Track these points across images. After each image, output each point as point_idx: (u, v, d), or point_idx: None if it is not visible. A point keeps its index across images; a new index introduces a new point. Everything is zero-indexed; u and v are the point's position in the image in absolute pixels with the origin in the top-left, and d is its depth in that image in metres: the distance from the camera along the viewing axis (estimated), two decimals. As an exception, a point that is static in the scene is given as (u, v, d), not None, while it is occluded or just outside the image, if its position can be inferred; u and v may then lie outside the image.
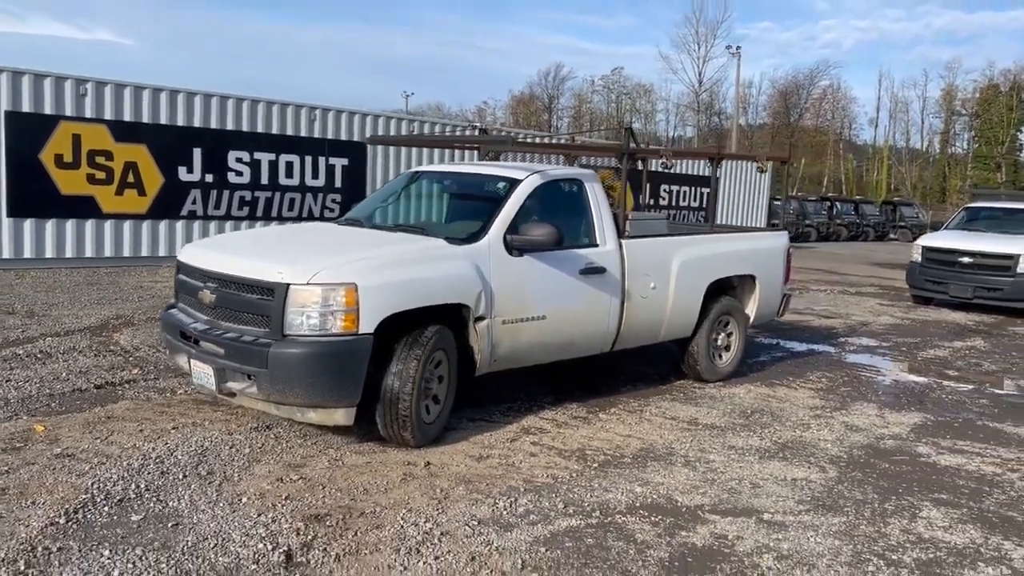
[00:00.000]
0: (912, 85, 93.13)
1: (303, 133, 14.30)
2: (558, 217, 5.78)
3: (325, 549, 3.65)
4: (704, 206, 22.13)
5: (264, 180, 13.86)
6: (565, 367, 6.89)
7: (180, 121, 12.87)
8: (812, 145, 70.01)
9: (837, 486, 4.84)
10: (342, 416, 4.76)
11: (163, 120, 12.68)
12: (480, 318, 5.25)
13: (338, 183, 14.77)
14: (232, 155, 13.46)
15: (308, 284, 4.60)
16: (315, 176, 14.47)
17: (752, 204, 24.46)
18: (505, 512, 4.17)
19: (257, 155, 13.75)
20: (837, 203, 35.28)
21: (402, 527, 3.91)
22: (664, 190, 21.45)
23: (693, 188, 22.08)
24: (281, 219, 14.08)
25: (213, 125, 13.24)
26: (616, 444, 5.38)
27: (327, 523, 3.91)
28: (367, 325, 4.65)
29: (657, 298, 6.54)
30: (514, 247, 5.44)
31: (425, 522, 3.98)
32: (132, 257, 12.53)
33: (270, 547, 3.62)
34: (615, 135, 71.27)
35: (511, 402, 6.20)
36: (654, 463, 5.05)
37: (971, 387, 7.76)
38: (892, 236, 36.50)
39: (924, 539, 4.15)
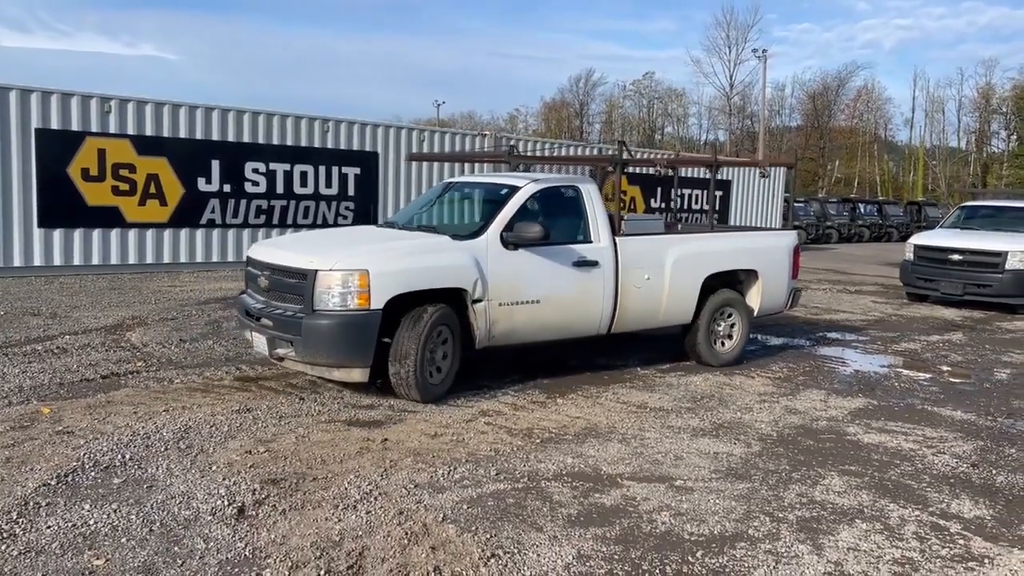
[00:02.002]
0: (948, 84, 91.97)
1: (316, 144, 15.02)
2: (553, 218, 7.00)
3: (274, 505, 4.22)
4: (716, 209, 22.44)
5: (280, 189, 14.59)
6: (541, 358, 7.42)
7: (199, 135, 13.65)
8: (846, 147, 69.54)
9: (755, 459, 5.29)
10: (359, 374, 6.03)
11: (183, 134, 13.46)
12: (477, 300, 6.39)
13: (351, 191, 15.46)
14: (249, 166, 14.21)
15: (331, 270, 5.91)
16: (328, 185, 15.17)
17: (767, 206, 24.72)
18: (442, 478, 4.71)
19: (273, 166, 14.49)
20: (860, 204, 35.22)
21: (346, 489, 4.47)
22: (676, 194, 21.80)
23: (705, 192, 22.41)
24: (296, 226, 14.79)
25: (230, 138, 14.01)
26: (563, 424, 5.88)
27: (281, 485, 4.48)
28: (377, 302, 5.91)
29: (652, 289, 7.47)
30: (509, 242, 6.57)
31: (367, 485, 4.53)
32: (154, 264, 13.32)
33: (227, 503, 4.20)
34: (647, 140, 71.49)
35: (476, 389, 6.73)
36: (593, 440, 5.55)
37: (928, 376, 8.11)
38: (917, 237, 36.29)
39: (815, 501, 4.60)
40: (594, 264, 7.07)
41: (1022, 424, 6.49)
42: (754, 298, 8.35)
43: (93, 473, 4.53)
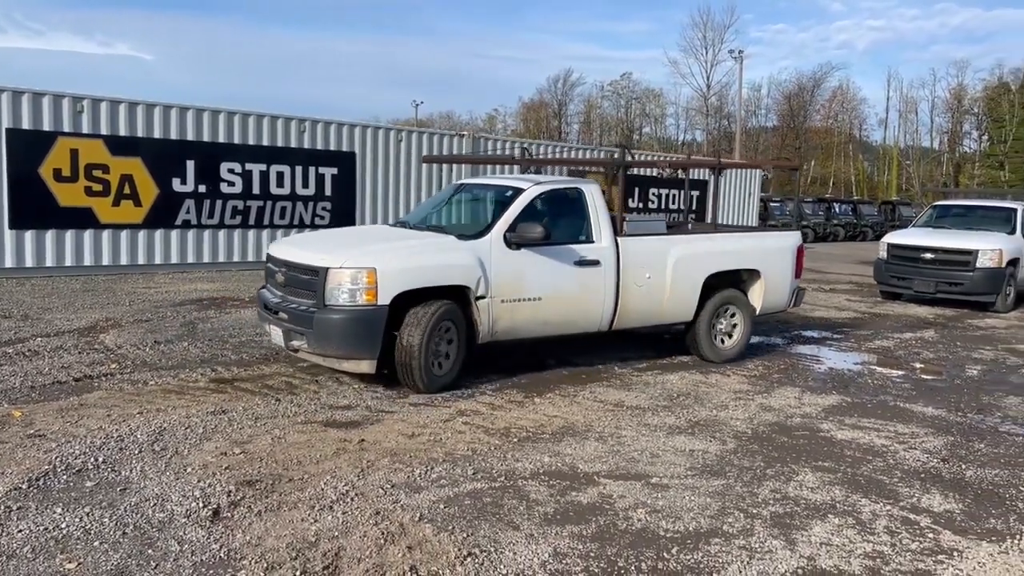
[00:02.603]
0: (921, 85, 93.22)
1: (293, 144, 14.93)
2: (556, 218, 7.31)
3: (250, 507, 4.20)
4: (693, 208, 22.59)
5: (256, 190, 14.49)
6: (520, 358, 7.43)
7: (174, 135, 13.52)
8: (821, 146, 70.20)
9: (730, 456, 5.34)
10: (367, 366, 6.34)
11: (157, 134, 13.34)
12: (480, 297, 6.70)
13: (328, 192, 15.39)
14: (224, 166, 14.10)
15: (341, 267, 6.26)
16: (305, 185, 15.09)
17: (743, 206, 24.92)
18: (419, 478, 4.71)
19: (249, 166, 14.39)
20: (835, 204, 35.59)
21: (322, 490, 4.46)
22: (653, 194, 21.97)
23: (681, 192, 22.54)
24: (273, 227, 14.71)
25: (206, 138, 13.89)
26: (541, 423, 5.90)
27: (257, 487, 4.46)
28: (384, 298, 6.25)
29: (653, 287, 7.72)
30: (512, 242, 6.86)
31: (344, 486, 4.52)
32: (129, 265, 13.17)
33: (202, 505, 4.18)
34: (625, 140, 71.80)
35: (455, 389, 6.73)
36: (570, 438, 5.57)
37: (901, 373, 8.22)
38: (891, 236, 36.70)
39: (789, 497, 4.65)
40: (595, 263, 7.32)
41: (991, 420, 6.59)
42: (756, 297, 8.57)
43: (65, 476, 4.49)
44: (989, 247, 12.97)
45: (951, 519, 4.46)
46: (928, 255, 13.33)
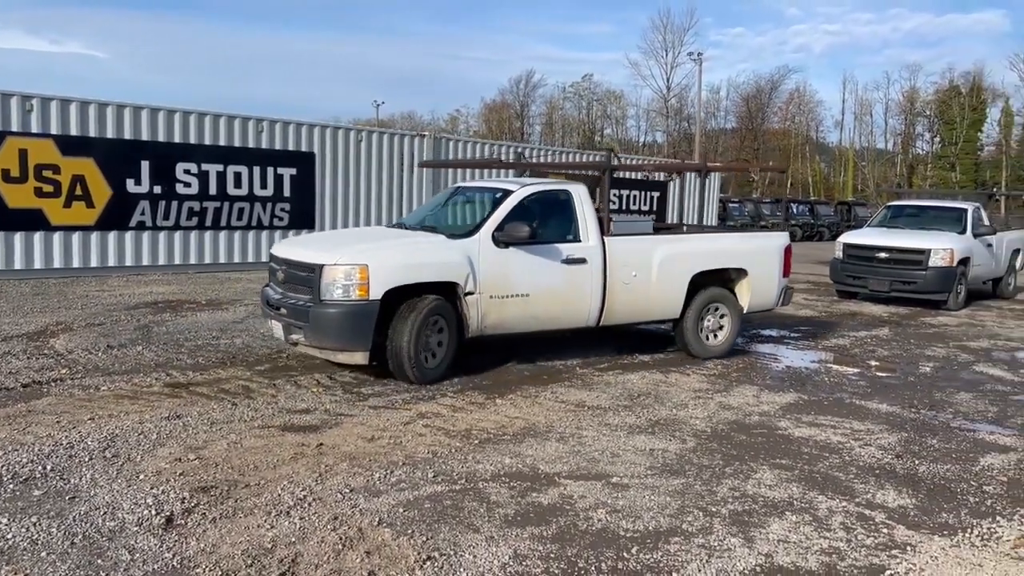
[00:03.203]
0: (875, 88, 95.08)
1: (251, 144, 14.73)
2: (544, 219, 7.63)
3: (204, 514, 4.11)
4: (653, 209, 22.77)
5: (212, 191, 14.27)
6: (483, 359, 7.40)
7: (127, 135, 13.26)
8: (779, 148, 71.21)
9: (690, 455, 5.37)
10: (360, 357, 6.68)
11: (110, 134, 13.06)
12: (469, 293, 7.02)
13: (287, 192, 15.22)
14: (180, 167, 13.87)
15: (335, 265, 6.60)
16: (263, 186, 14.90)
17: (703, 207, 25.12)
18: (379, 482, 4.66)
19: (205, 166, 14.16)
20: (792, 204, 36.13)
21: (279, 495, 4.39)
22: (614, 195, 22.04)
23: (643, 192, 22.70)
24: (230, 228, 14.50)
25: (161, 138, 13.65)
26: (502, 425, 5.88)
27: (212, 493, 4.37)
28: (375, 294, 6.57)
29: (639, 285, 7.99)
30: (500, 241, 7.16)
31: (301, 491, 4.45)
32: (81, 268, 12.89)
33: (154, 513, 4.08)
34: (587, 142, 72.11)
35: (416, 391, 6.69)
36: (531, 439, 5.55)
37: (856, 371, 8.36)
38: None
39: (747, 495, 4.69)
40: (582, 261, 7.60)
41: (944, 416, 6.72)
42: (744, 295, 8.78)
43: (12, 485, 4.36)
44: (941, 247, 13.25)
45: (905, 514, 4.53)
46: (882, 255, 13.58)
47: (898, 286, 13.39)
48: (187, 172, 13.94)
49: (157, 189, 13.61)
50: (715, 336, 8.64)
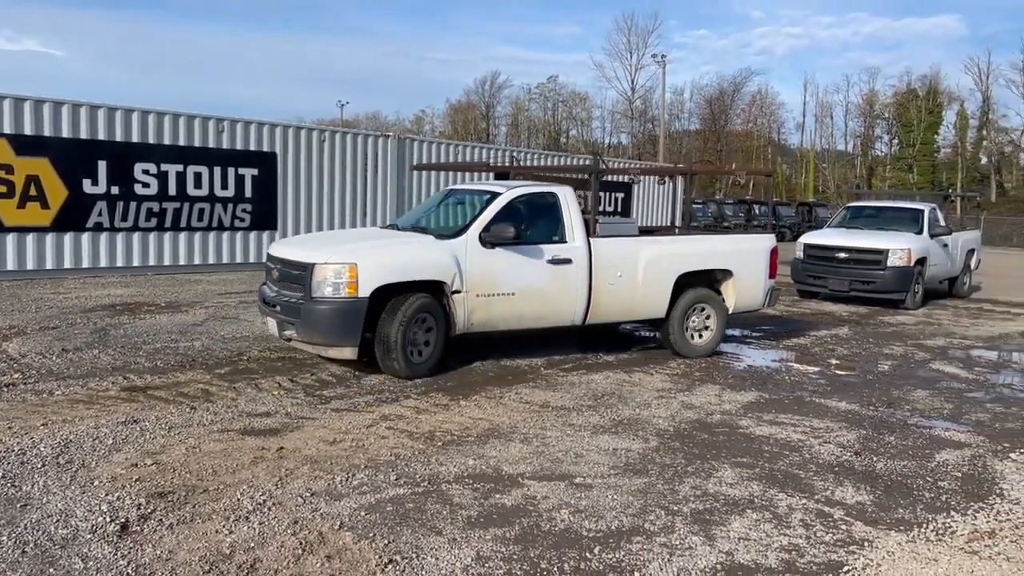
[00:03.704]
0: (836, 90, 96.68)
1: (211, 144, 14.51)
2: (531, 220, 7.85)
3: (161, 520, 4.04)
4: (619, 210, 22.89)
5: (172, 191, 14.02)
6: (446, 361, 7.36)
7: (84, 134, 12.98)
8: (742, 150, 72.04)
9: (652, 454, 5.40)
10: (349, 352, 6.93)
11: (66, 133, 12.78)
12: (456, 292, 7.26)
13: (248, 193, 15.01)
14: (139, 167, 13.60)
15: (325, 263, 6.86)
16: (224, 187, 14.69)
17: (667, 208, 25.33)
18: (340, 485, 4.61)
19: (164, 166, 13.91)
20: (755, 205, 36.56)
21: (238, 500, 4.32)
22: (579, 196, 22.12)
23: (607, 193, 22.78)
24: (191, 229, 14.27)
25: (118, 138, 13.37)
26: (466, 426, 5.86)
27: (169, 499, 4.29)
28: (364, 291, 6.82)
29: (624, 285, 8.17)
30: (487, 241, 7.39)
31: (261, 495, 4.39)
32: (36, 270, 12.58)
33: (109, 520, 3.99)
34: (552, 143, 72.32)
35: (379, 393, 6.64)
36: (494, 440, 5.54)
37: (816, 370, 8.47)
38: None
39: (708, 494, 4.72)
40: (567, 262, 7.81)
41: (901, 413, 6.84)
42: (730, 296, 8.94)
43: (-40, 494, 4.24)
44: (899, 247, 13.49)
45: (863, 510, 4.59)
46: (842, 255, 13.79)
47: (857, 286, 13.61)
48: (146, 172, 13.68)
49: (115, 190, 13.34)
50: (701, 335, 8.79)
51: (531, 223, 7.81)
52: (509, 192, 7.83)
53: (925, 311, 13.72)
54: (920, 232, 14.33)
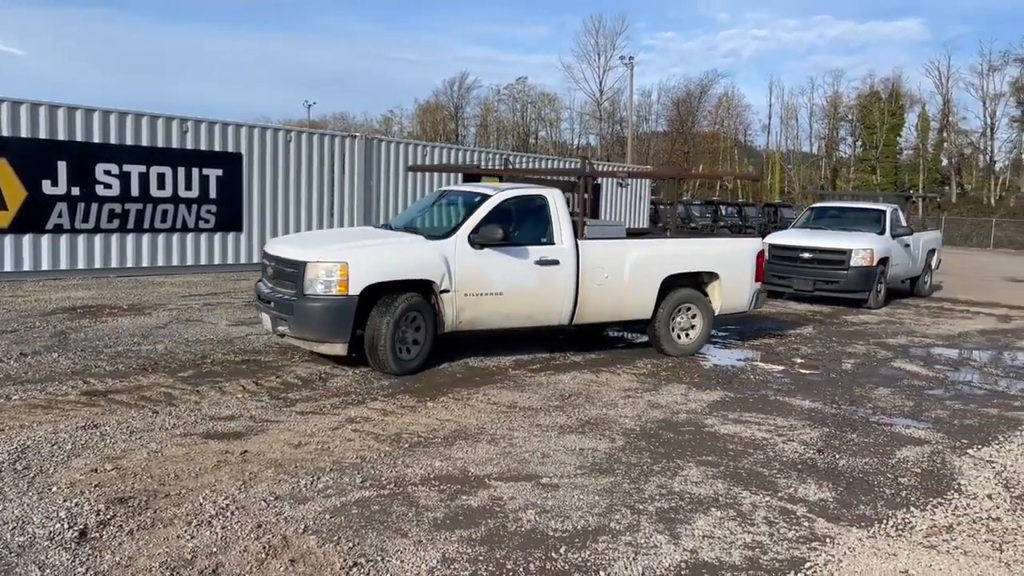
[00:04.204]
0: (801, 92, 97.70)
1: (175, 144, 14.32)
2: (520, 222, 8.03)
3: (120, 526, 3.97)
4: (586, 212, 22.93)
5: (135, 192, 13.80)
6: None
7: (43, 134, 12.73)
8: (709, 151, 72.69)
9: (619, 453, 5.42)
10: (340, 348, 7.15)
11: (24, 133, 12.52)
12: (445, 291, 7.44)
13: (213, 194, 14.83)
14: (100, 167, 13.36)
15: (317, 262, 7.08)
16: (188, 187, 14.49)
17: (635, 209, 25.48)
18: (305, 488, 4.57)
19: (127, 167, 13.68)
20: (721, 206, 36.90)
21: (200, 504, 4.26)
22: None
23: (575, 195, 22.84)
24: (154, 231, 14.06)
25: (79, 138, 13.13)
26: (433, 428, 5.84)
27: (129, 504, 4.22)
28: (355, 289, 7.02)
29: (611, 286, 8.34)
30: (476, 242, 7.57)
31: (224, 500, 4.34)
32: (-6, 272, 12.33)
33: (67, 527, 3.92)
34: (521, 144, 72.44)
35: (345, 395, 6.60)
36: (462, 442, 5.53)
37: (781, 368, 8.57)
38: (774, 236, 38.35)
39: (674, 492, 4.75)
40: (555, 263, 7.98)
41: (863, 411, 6.94)
42: (716, 298, 9.12)
43: (-88, 502, 4.14)
44: (861, 247, 13.70)
45: (825, 507, 4.65)
46: (806, 255, 13.97)
47: (821, 285, 13.80)
48: (107, 173, 13.45)
49: (75, 191, 13.10)
50: (687, 335, 8.97)
51: (520, 225, 8.00)
52: (499, 194, 7.99)
53: (887, 310, 13.94)
54: (882, 232, 14.56)
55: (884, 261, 14.04)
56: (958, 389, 8.04)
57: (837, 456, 5.61)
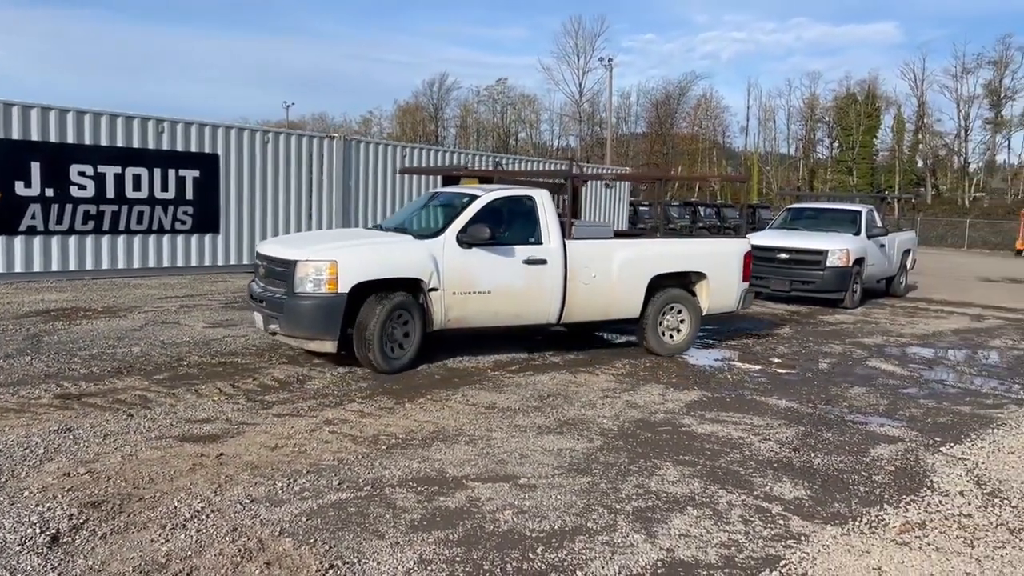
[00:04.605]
0: (778, 94, 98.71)
1: (151, 145, 14.19)
2: (508, 222, 8.15)
3: (94, 530, 3.93)
4: (564, 212, 22.98)
5: (110, 193, 13.67)
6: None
7: (16, 135, 12.57)
8: (688, 152, 73.06)
9: (596, 453, 5.44)
10: (330, 346, 7.25)
11: (-4, 134, 12.38)
12: (433, 289, 7.56)
13: (189, 195, 14.71)
14: (75, 169, 13.23)
15: (307, 260, 7.19)
16: (164, 188, 14.37)
17: (614, 210, 25.56)
18: (281, 491, 4.54)
19: (102, 168, 13.55)
20: (700, 208, 37.13)
21: (175, 508, 4.23)
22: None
23: (553, 196, 22.89)
24: (129, 233, 13.93)
25: (53, 138, 12.99)
26: (411, 429, 5.82)
27: (103, 508, 4.18)
28: (344, 288, 7.14)
29: (598, 285, 8.44)
30: (464, 242, 7.69)
31: (199, 503, 4.30)
32: (-34, 275, 12.16)
33: (39, 531, 3.87)
34: (502, 146, 72.45)
35: (323, 398, 6.57)
36: (440, 443, 5.52)
37: (758, 368, 8.64)
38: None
39: (651, 491, 4.77)
40: (542, 262, 8.08)
41: (838, 410, 7.01)
42: (704, 297, 9.24)
43: None
44: (837, 247, 13.82)
45: (800, 505, 4.69)
46: (783, 255, 14.07)
47: (798, 286, 13.91)
48: (82, 174, 13.31)
49: (49, 192, 12.95)
50: (675, 335, 9.08)
51: (508, 225, 8.11)
52: (487, 195, 8.10)
53: (863, 310, 14.08)
54: (858, 233, 14.71)
55: (860, 261, 14.18)
56: (932, 388, 8.14)
57: (812, 454, 5.66)
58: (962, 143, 65.43)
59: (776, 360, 9.15)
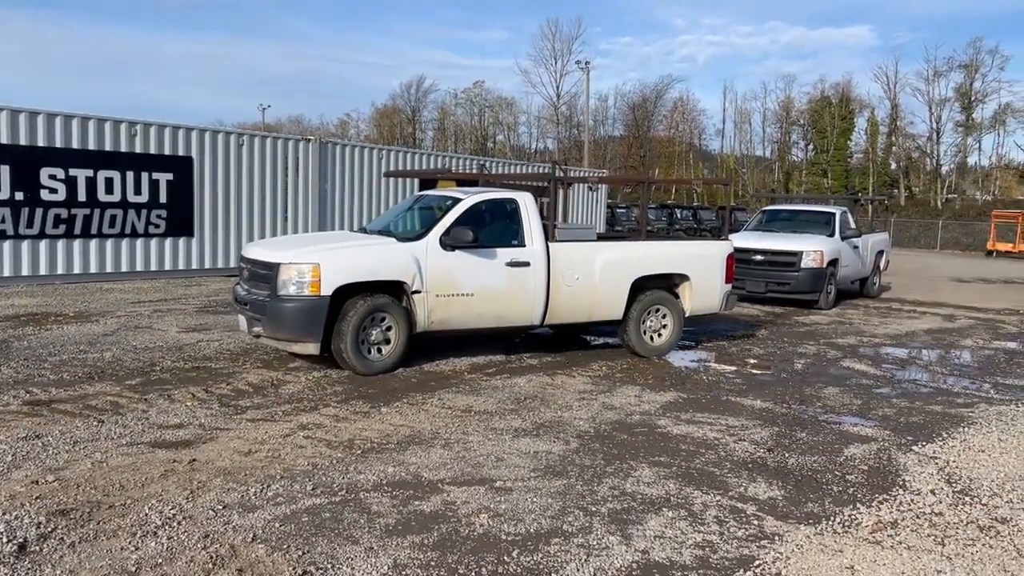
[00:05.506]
0: (754, 97, 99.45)
1: (123, 148, 14.03)
2: (491, 225, 8.19)
3: (62, 538, 3.87)
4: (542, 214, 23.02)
5: (82, 197, 13.49)
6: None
7: (-16, 137, 12.40)
8: (664, 155, 73.42)
9: (573, 455, 5.44)
10: (312, 348, 7.29)
11: (-35, 137, 12.18)
12: (416, 292, 7.60)
13: (163, 199, 14.55)
14: (45, 172, 13.05)
15: (290, 263, 7.23)
16: (138, 192, 14.21)
17: (592, 212, 25.62)
18: (254, 497, 4.50)
19: (73, 171, 13.38)
20: (677, 210, 37.30)
21: (146, 515, 4.17)
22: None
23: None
24: (102, 236, 13.76)
25: (22, 141, 12.81)
26: (386, 433, 5.79)
27: (71, 516, 4.12)
28: (326, 290, 7.18)
29: (581, 287, 8.51)
30: (447, 244, 7.73)
31: (171, 509, 4.25)
32: (-67, 280, 11.95)
33: (5, 540, 3.80)
34: (480, 148, 72.46)
35: (298, 402, 6.52)
36: (415, 447, 5.50)
37: (733, 369, 8.68)
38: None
39: (626, 493, 4.78)
40: (525, 264, 8.13)
41: (812, 410, 7.06)
42: (687, 299, 9.32)
43: None
44: (812, 249, 13.95)
45: (774, 506, 4.72)
46: (758, 257, 14.17)
47: (773, 287, 14.01)
48: (53, 178, 13.12)
49: (19, 195, 12.76)
50: (658, 336, 9.12)
51: (491, 227, 8.15)
52: (471, 198, 8.16)
53: (838, 311, 14.20)
54: (832, 234, 14.84)
55: (834, 262, 14.31)
56: (904, 387, 8.23)
57: (787, 455, 5.70)
58: (934, 145, 66.37)
59: (751, 361, 9.21)
